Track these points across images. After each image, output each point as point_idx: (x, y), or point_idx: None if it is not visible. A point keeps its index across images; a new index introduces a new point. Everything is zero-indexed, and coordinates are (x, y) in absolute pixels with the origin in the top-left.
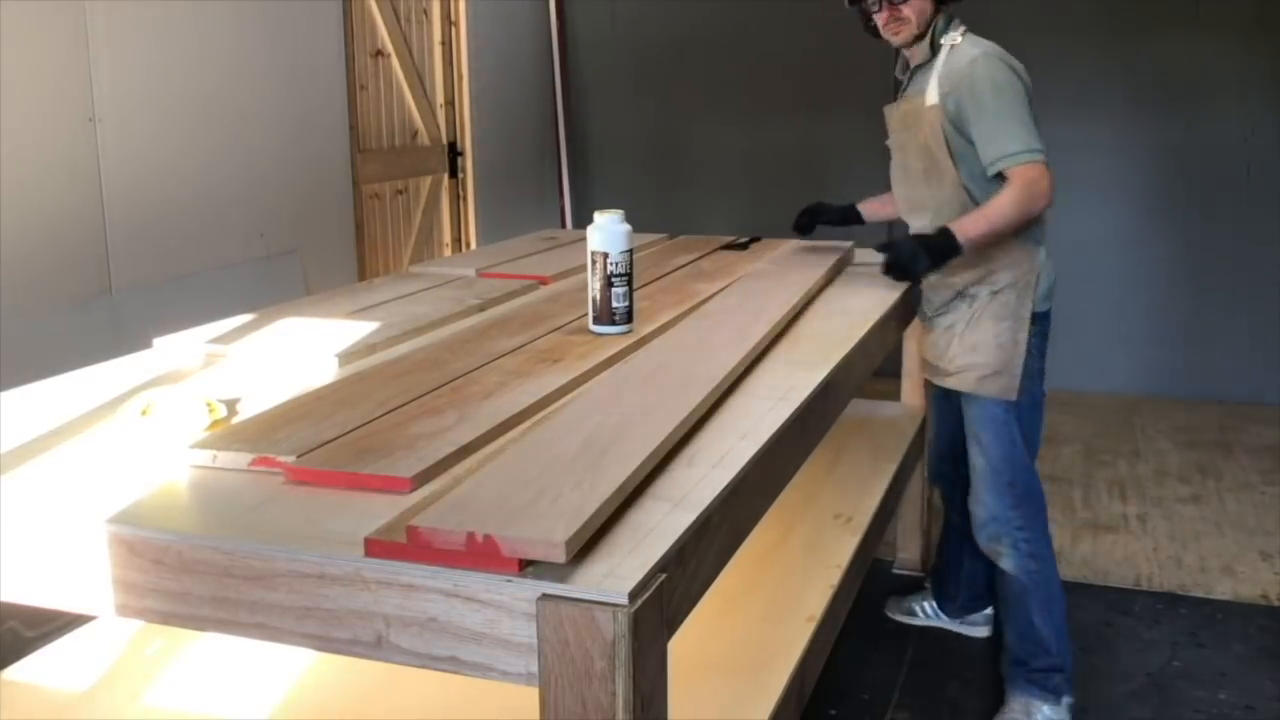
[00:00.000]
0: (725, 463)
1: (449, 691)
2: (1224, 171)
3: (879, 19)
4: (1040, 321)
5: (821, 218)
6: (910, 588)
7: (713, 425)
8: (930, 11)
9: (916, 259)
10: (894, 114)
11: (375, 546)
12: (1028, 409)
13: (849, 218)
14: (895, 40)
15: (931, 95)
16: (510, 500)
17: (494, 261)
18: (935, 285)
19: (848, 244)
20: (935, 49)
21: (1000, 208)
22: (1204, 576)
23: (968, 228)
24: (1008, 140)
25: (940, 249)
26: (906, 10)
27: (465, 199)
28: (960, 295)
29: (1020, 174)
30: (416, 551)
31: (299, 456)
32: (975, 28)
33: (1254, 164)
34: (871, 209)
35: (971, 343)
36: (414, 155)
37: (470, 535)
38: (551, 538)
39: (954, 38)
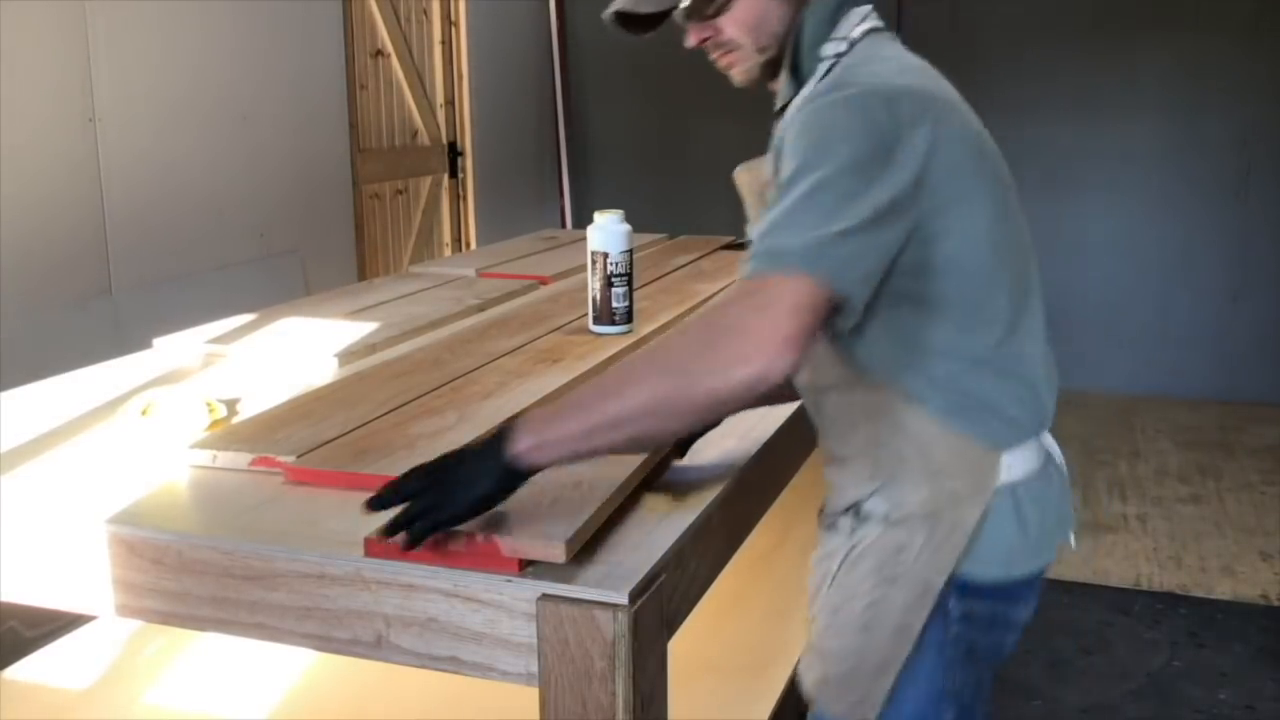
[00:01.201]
0: (725, 462)
1: (449, 691)
2: (1224, 171)
3: (704, 48)
4: (977, 600)
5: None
6: None
7: None
8: (780, 20)
9: (423, 496)
10: (744, 184)
11: (375, 547)
12: None
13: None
14: (736, 79)
15: (771, 161)
16: (510, 500)
17: (494, 261)
18: (829, 475)
19: None
20: (801, 74)
21: (642, 360)
22: (1204, 576)
23: (544, 421)
24: (785, 228)
25: (476, 469)
26: (728, 27)
27: (465, 199)
28: (848, 510)
29: (750, 291)
30: (416, 551)
31: (299, 456)
32: (975, 30)
33: (1253, 164)
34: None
35: (833, 603)
36: (414, 155)
37: (470, 535)
38: (551, 538)
39: (835, 48)
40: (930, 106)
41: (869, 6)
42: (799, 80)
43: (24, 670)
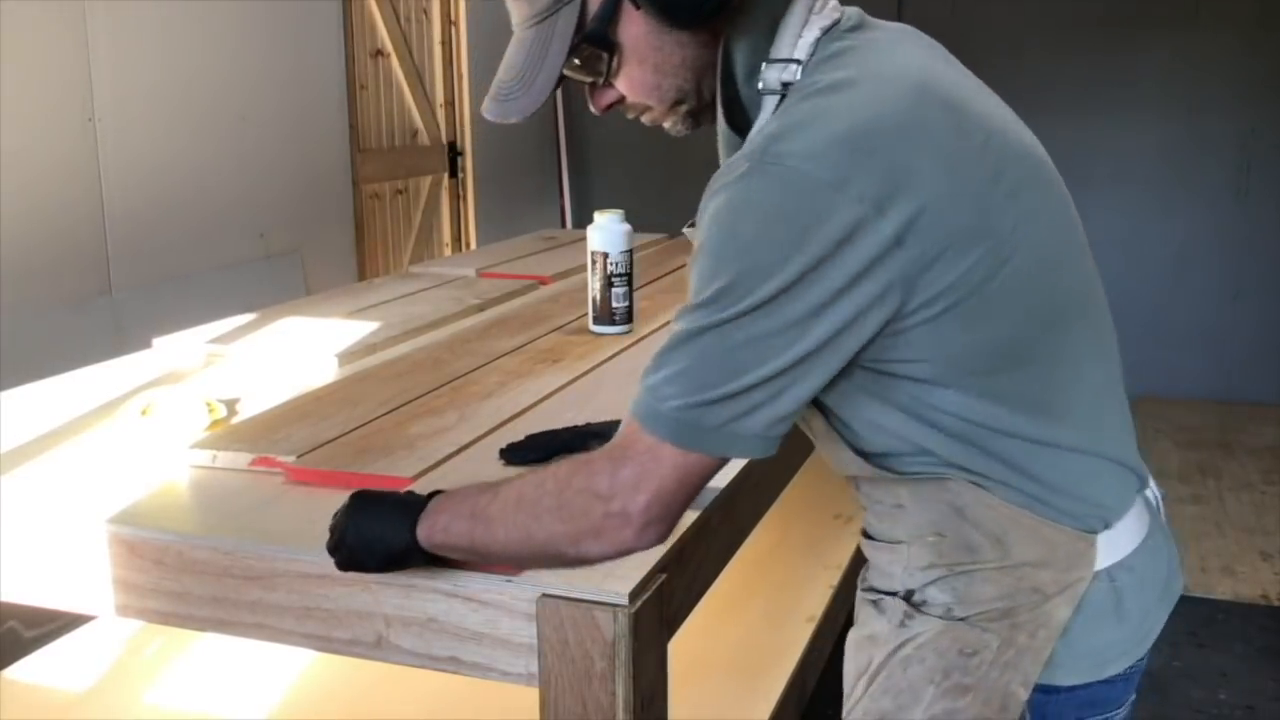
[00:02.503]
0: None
1: (449, 691)
2: (1224, 171)
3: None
4: (1061, 710)
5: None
6: None
7: None
8: (684, 66)
9: (354, 552)
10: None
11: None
12: None
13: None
14: (670, 131)
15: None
16: None
17: (494, 261)
18: (871, 555)
19: None
20: (746, 117)
21: (521, 507)
22: (1204, 576)
23: (440, 520)
24: (666, 376)
25: (388, 529)
26: (625, 90)
27: (465, 199)
28: (891, 594)
29: (623, 450)
30: None
31: (299, 456)
32: (974, 28)
33: (1253, 163)
34: None
35: (880, 710)
36: (414, 155)
37: None
38: None
39: (779, 74)
40: (902, 165)
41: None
42: (742, 126)
43: (24, 670)
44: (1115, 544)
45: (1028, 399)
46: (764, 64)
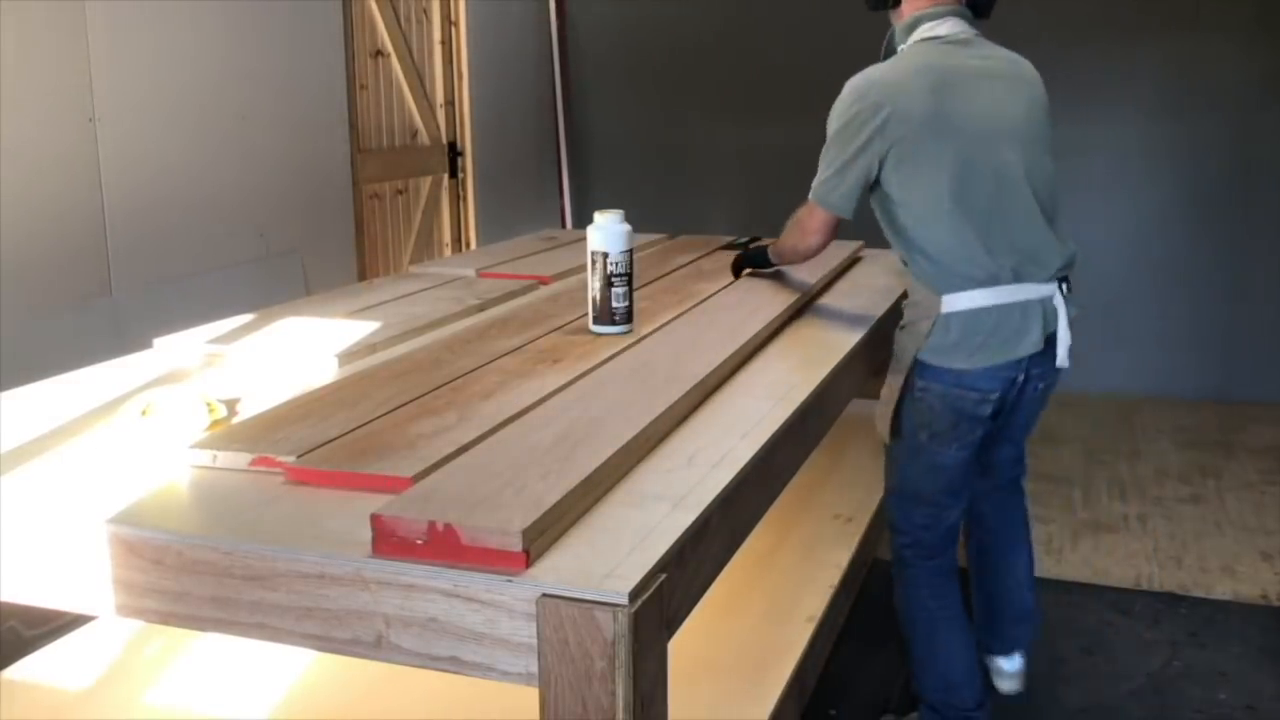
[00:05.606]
0: (725, 463)
1: (449, 691)
2: (1223, 171)
3: None
4: (935, 379)
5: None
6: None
7: (712, 425)
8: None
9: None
10: None
11: (382, 546)
12: (925, 473)
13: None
14: None
15: None
16: (475, 491)
17: (494, 261)
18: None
19: (857, 243)
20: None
21: (785, 232)
22: (1204, 576)
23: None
24: (817, 175)
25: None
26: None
27: (465, 199)
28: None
29: (803, 209)
30: (419, 550)
31: (299, 456)
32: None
33: (1253, 164)
34: None
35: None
36: (414, 155)
37: (431, 524)
38: (509, 526)
39: (901, 47)
40: (889, 94)
41: (935, 22)
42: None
43: (24, 670)
44: (954, 303)
45: (938, 230)
46: (903, 44)
